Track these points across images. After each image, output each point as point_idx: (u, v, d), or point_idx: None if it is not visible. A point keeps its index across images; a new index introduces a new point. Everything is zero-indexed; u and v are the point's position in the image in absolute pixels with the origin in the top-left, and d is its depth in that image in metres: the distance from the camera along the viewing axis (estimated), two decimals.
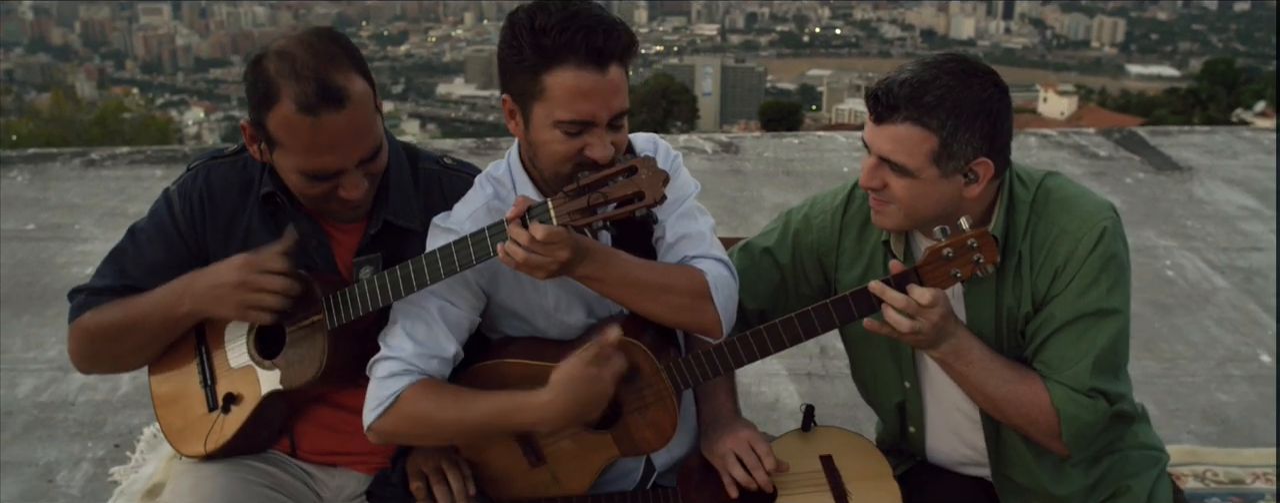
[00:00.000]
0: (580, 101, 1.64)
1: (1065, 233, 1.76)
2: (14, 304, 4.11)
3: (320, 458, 1.96)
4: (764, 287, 1.98)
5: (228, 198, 1.87)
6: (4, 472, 3.05)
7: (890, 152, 1.69)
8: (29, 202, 5.21)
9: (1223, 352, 3.85)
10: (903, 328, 1.65)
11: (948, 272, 1.65)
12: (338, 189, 1.74)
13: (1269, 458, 3.20)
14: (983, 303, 1.81)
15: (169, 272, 1.85)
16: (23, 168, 5.71)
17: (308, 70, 1.65)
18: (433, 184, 1.91)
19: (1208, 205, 5.23)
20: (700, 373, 1.81)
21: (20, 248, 4.64)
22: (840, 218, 1.95)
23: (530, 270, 1.62)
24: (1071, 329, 1.75)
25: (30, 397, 3.45)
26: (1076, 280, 1.74)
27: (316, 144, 1.68)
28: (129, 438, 3.22)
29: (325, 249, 1.85)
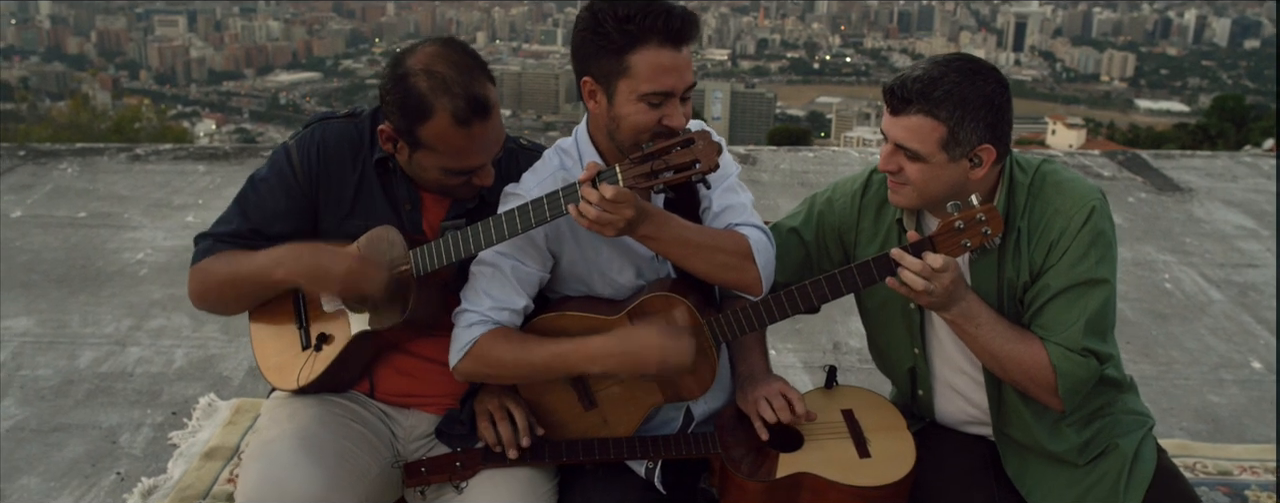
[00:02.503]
0: (661, 76, 1.89)
1: (1059, 212, 1.97)
2: (70, 284, 4.33)
3: (396, 400, 2.17)
4: (790, 262, 2.20)
5: (341, 155, 2.08)
6: (71, 433, 3.26)
7: (905, 139, 1.92)
8: (79, 192, 5.45)
9: (1216, 358, 4.05)
10: (918, 287, 1.86)
11: (959, 242, 1.85)
12: (472, 179, 1.98)
13: (1256, 453, 3.39)
14: (986, 274, 2.02)
15: (287, 218, 2.08)
16: (72, 161, 5.95)
17: (458, 86, 1.88)
18: (511, 163, 2.12)
19: (1206, 224, 5.44)
20: (738, 328, 2.03)
21: (73, 234, 4.87)
22: (859, 200, 2.17)
23: (599, 228, 1.84)
24: (1065, 296, 1.96)
25: (91, 367, 3.67)
26: (1069, 253, 1.95)
27: (468, 149, 1.93)
28: (185, 407, 3.43)
29: (416, 212, 2.07)
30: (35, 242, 4.76)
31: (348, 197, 2.08)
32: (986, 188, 2.01)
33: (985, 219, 1.84)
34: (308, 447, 1.96)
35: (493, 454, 2.04)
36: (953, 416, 2.21)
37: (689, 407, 2.18)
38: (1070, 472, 2.10)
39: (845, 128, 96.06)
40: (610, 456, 2.07)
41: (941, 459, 2.15)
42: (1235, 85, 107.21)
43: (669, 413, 2.17)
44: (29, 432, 3.26)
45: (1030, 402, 2.06)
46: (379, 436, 2.13)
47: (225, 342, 3.86)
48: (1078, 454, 2.09)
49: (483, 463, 2.04)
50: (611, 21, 1.88)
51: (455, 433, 2.12)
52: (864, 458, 2.04)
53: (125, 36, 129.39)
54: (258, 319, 2.16)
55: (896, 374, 2.27)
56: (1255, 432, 3.54)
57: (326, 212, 2.09)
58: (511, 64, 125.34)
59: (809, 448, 2.07)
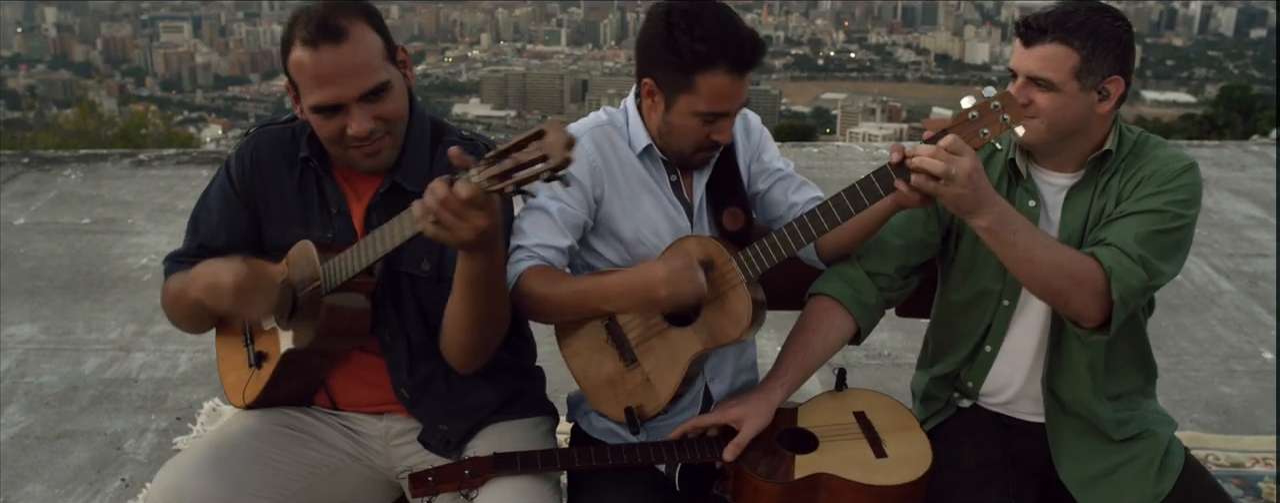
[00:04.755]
0: (721, 101, 1.94)
1: (1157, 159, 2.00)
2: (75, 291, 4.33)
3: (364, 409, 2.11)
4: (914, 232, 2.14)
5: (274, 161, 2.04)
6: (76, 440, 3.26)
7: (1039, 69, 1.92)
8: (83, 198, 5.45)
9: (1227, 349, 4.02)
10: (936, 170, 1.76)
11: (976, 130, 1.80)
12: (347, 128, 1.88)
13: (1269, 445, 3.36)
14: (1077, 209, 2.03)
15: (229, 230, 2.05)
16: (76, 167, 5.95)
17: (315, 13, 1.84)
18: (445, 156, 2.02)
19: (1215, 214, 5.41)
20: (766, 259, 1.98)
21: (77, 240, 4.87)
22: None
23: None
24: (1132, 217, 1.96)
25: (95, 374, 3.66)
26: (1151, 186, 1.97)
27: (319, 75, 1.84)
28: (190, 411, 3.42)
29: (345, 216, 2.02)
30: (40, 248, 4.76)
31: (290, 205, 2.04)
32: (1105, 128, 2.02)
33: (1001, 106, 1.79)
34: (217, 455, 1.93)
35: (503, 461, 2.00)
36: (1002, 379, 2.18)
37: (708, 387, 2.15)
38: (1104, 444, 2.09)
39: (850, 124, 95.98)
40: (623, 460, 2.04)
41: (957, 458, 2.12)
42: (1242, 75, 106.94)
43: (688, 401, 2.14)
44: (34, 439, 3.26)
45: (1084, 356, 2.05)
46: (330, 442, 2.08)
47: None
48: (1114, 428, 2.08)
49: (492, 471, 2.00)
50: (686, 40, 1.90)
51: (440, 437, 2.07)
52: (881, 458, 2.02)
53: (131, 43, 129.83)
54: (219, 336, 2.16)
55: (967, 331, 2.20)
56: (1267, 423, 3.51)
57: (269, 222, 2.05)
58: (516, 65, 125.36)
59: (825, 449, 2.04)
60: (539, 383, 2.24)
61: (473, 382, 2.06)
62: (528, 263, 1.98)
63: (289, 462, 2.01)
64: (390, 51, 1.92)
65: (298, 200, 2.03)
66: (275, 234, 2.05)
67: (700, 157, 2.08)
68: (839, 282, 2.12)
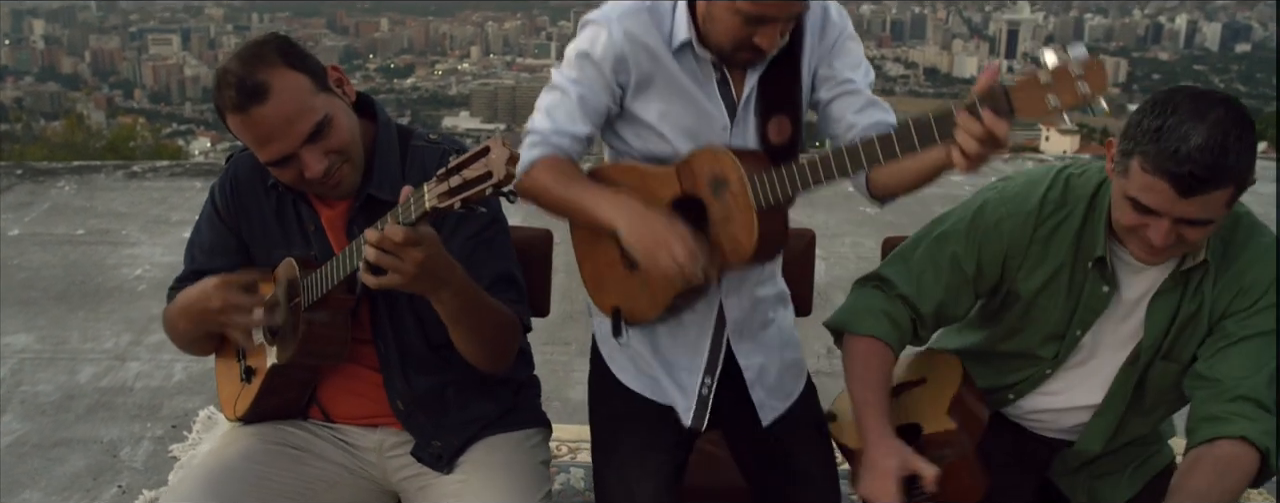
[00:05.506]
0: (768, 5, 1.73)
1: (1250, 263, 1.82)
2: (70, 301, 4.36)
3: (357, 422, 2.13)
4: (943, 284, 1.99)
5: (251, 186, 2.06)
6: (72, 448, 3.29)
7: (1199, 214, 1.67)
8: (78, 209, 5.48)
9: None
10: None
11: (1042, 97, 1.44)
12: (305, 172, 1.88)
13: None
14: (1161, 311, 1.86)
15: (222, 254, 2.07)
16: (70, 179, 5.99)
17: (233, 75, 1.82)
18: (419, 159, 2.02)
19: None
20: (785, 188, 1.77)
21: (72, 251, 4.90)
22: (1033, 228, 1.91)
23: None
24: (1249, 344, 1.80)
25: (91, 383, 3.70)
26: (1261, 301, 1.80)
27: (258, 136, 1.85)
28: (185, 420, 3.45)
29: (320, 233, 2.03)
30: (34, 259, 4.79)
31: (270, 227, 2.07)
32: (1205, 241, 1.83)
33: (1083, 73, 1.42)
34: (212, 483, 1.95)
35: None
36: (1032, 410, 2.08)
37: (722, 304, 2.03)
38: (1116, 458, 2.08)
39: None
40: None
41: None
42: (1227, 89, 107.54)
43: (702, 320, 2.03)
44: (30, 447, 3.29)
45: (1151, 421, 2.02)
46: (325, 456, 2.11)
47: None
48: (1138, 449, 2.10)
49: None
50: None
51: (432, 452, 2.08)
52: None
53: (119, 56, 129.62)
54: (218, 353, 2.21)
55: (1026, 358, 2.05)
56: None
57: (254, 245, 2.09)
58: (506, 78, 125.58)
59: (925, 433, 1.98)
60: (533, 393, 2.26)
61: (468, 396, 2.08)
62: (541, 150, 1.89)
63: (286, 480, 2.03)
64: (320, 82, 1.90)
65: (276, 222, 2.06)
66: (261, 256, 2.08)
67: (742, 57, 1.85)
68: (888, 324, 1.96)
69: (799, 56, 1.90)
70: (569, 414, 3.40)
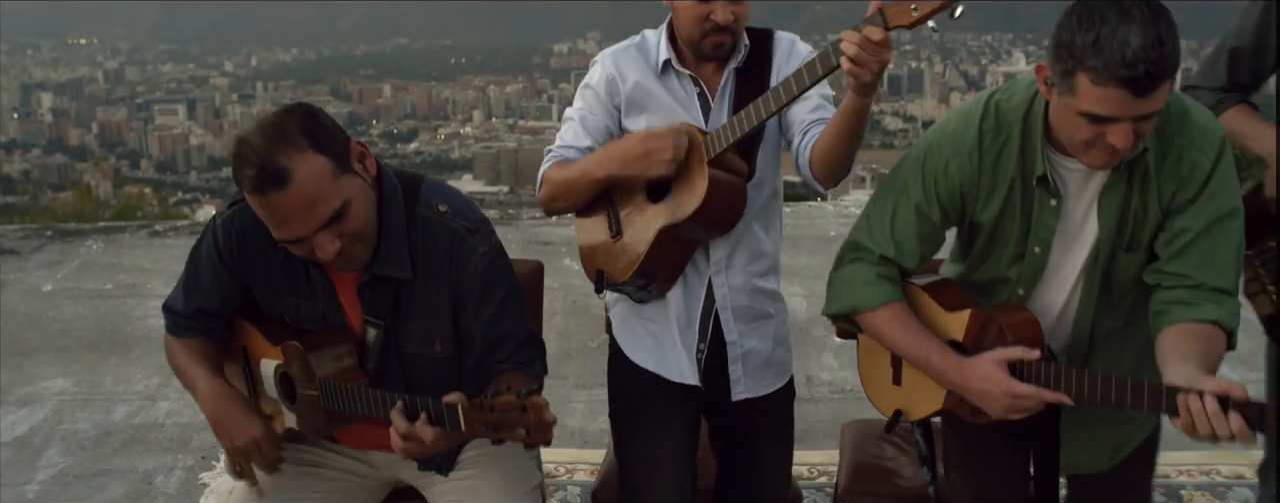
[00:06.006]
0: None
1: (1188, 147, 1.89)
2: (102, 349, 4.69)
3: (368, 448, 2.28)
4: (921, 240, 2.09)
5: (258, 239, 2.04)
6: (111, 477, 3.59)
7: (1153, 108, 1.76)
8: (105, 266, 5.83)
9: None
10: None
11: (908, 10, 1.81)
12: (316, 253, 1.92)
13: (1194, 459, 3.68)
14: (1111, 206, 1.94)
15: (225, 297, 2.15)
16: (97, 238, 6.35)
17: (255, 156, 1.82)
18: (428, 232, 2.06)
19: None
20: (727, 136, 2.12)
21: (102, 303, 5.24)
22: (977, 160, 2.00)
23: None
24: (1218, 229, 1.90)
25: (125, 420, 4.01)
26: (1202, 195, 1.88)
27: (274, 219, 1.87)
28: (213, 452, 3.75)
29: (330, 292, 2.10)
30: (67, 312, 5.13)
31: (276, 278, 2.10)
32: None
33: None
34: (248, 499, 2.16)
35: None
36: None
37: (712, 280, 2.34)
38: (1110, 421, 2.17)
39: (841, 192, 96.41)
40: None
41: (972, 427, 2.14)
42: None
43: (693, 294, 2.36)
44: (73, 477, 3.59)
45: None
46: (338, 467, 2.29)
47: None
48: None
49: None
50: None
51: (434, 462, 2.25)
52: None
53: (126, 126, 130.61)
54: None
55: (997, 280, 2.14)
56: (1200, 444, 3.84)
57: (259, 292, 2.14)
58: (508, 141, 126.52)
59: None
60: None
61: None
62: (550, 161, 2.33)
63: (310, 491, 2.24)
64: (342, 164, 1.91)
65: (284, 275, 2.09)
66: (267, 304, 2.15)
67: (709, 42, 2.22)
68: (890, 287, 2.07)
69: (768, 72, 2.28)
70: (566, 439, 3.70)
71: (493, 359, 2.09)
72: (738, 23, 2.20)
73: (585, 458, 3.59)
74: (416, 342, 2.09)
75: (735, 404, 2.41)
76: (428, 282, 2.06)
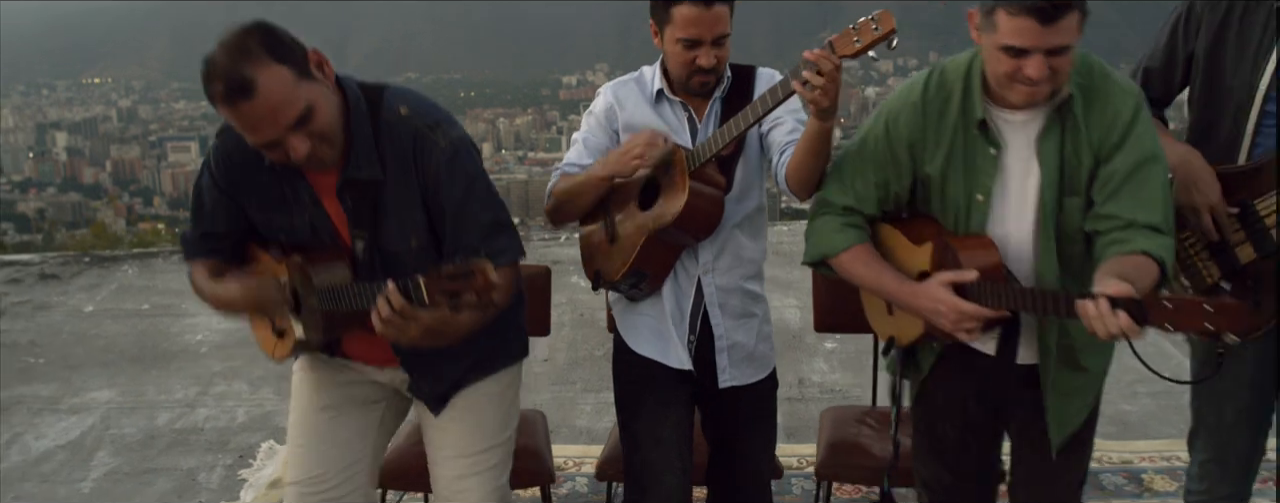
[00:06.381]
0: (691, 27, 2.41)
1: (1110, 97, 2.11)
2: (143, 362, 5.03)
3: (371, 362, 2.46)
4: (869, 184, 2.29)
5: (245, 159, 2.21)
6: (158, 474, 3.91)
7: (1064, 39, 1.96)
8: (140, 288, 6.20)
9: (1134, 376, 4.66)
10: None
11: (851, 40, 2.07)
12: (290, 154, 2.06)
13: (1156, 447, 3.96)
14: (1049, 153, 2.13)
15: (226, 219, 2.31)
16: (132, 263, 6.73)
17: (220, 71, 1.95)
18: (392, 134, 2.20)
19: None
20: (704, 153, 2.41)
21: (140, 322, 5.59)
22: (920, 111, 2.21)
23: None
24: (1144, 171, 2.10)
25: (167, 425, 4.34)
26: (1129, 139, 2.10)
27: (247, 126, 2.01)
28: (250, 451, 4.08)
29: (316, 202, 2.25)
30: (108, 330, 5.48)
31: (267, 195, 2.27)
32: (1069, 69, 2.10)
33: (876, 21, 2.04)
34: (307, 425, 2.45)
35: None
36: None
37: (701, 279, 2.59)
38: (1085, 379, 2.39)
39: None
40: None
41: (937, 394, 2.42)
42: None
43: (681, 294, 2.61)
44: (123, 475, 3.92)
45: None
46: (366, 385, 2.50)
47: (278, 401, 4.53)
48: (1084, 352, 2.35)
49: None
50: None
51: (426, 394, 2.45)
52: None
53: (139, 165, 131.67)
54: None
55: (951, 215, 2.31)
56: (1158, 431, 4.15)
57: (252, 211, 2.31)
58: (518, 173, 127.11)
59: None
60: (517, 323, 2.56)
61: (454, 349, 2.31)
62: (556, 176, 2.63)
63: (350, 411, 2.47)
64: (302, 70, 2.04)
65: (274, 191, 2.25)
66: (261, 220, 2.31)
67: (696, 81, 2.50)
68: (854, 232, 2.28)
69: (749, 101, 2.44)
70: (574, 437, 4.02)
71: (462, 245, 2.22)
72: (719, 65, 2.48)
73: (591, 453, 3.89)
74: (395, 239, 2.23)
75: (722, 392, 2.65)
76: (398, 180, 2.20)
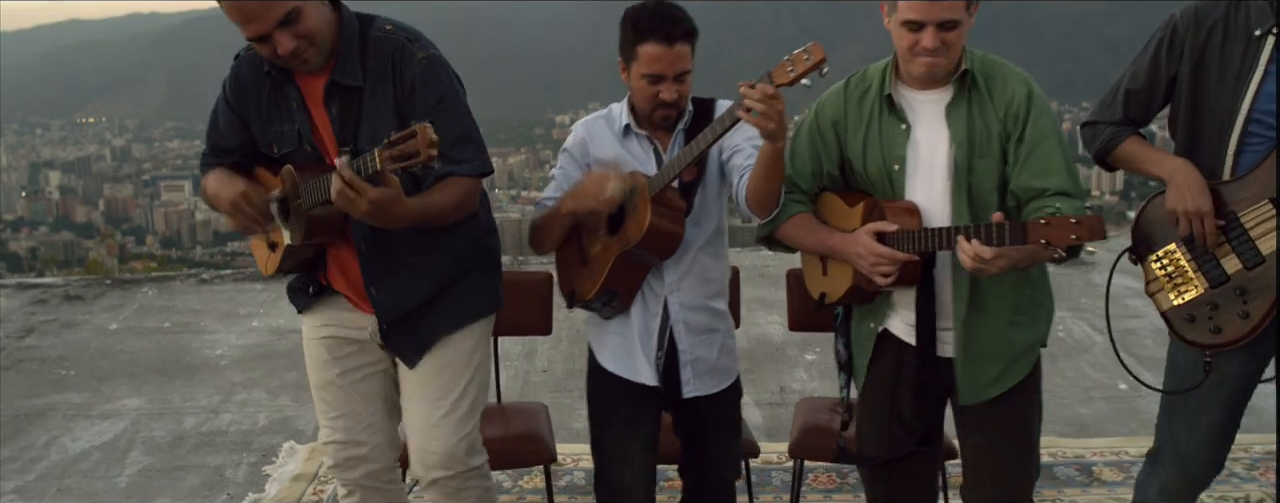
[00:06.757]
0: (655, 64, 2.58)
1: (1006, 80, 2.45)
2: (168, 373, 5.36)
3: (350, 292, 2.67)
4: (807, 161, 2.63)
5: (252, 78, 2.55)
6: (188, 470, 4.24)
7: (948, 13, 2.31)
8: (161, 308, 6.54)
9: (1089, 382, 5.03)
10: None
11: (785, 70, 2.26)
12: (277, 49, 2.34)
13: (1108, 444, 4.29)
14: (958, 121, 2.44)
15: (231, 134, 2.63)
16: (151, 286, 7.08)
17: None
18: (376, 46, 2.48)
19: (1101, 288, 6.45)
20: (663, 178, 2.60)
21: (163, 338, 5.93)
22: (843, 96, 2.58)
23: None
24: (1042, 145, 2.40)
25: (194, 428, 4.67)
26: (1029, 117, 2.41)
27: (238, 18, 2.32)
28: (272, 450, 4.40)
29: (304, 110, 2.52)
30: (133, 345, 5.82)
31: (264, 108, 2.57)
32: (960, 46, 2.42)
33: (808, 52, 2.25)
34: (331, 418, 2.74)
35: None
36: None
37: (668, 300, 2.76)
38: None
39: None
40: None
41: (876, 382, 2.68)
42: None
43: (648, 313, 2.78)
44: (155, 471, 4.24)
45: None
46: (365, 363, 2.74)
47: (297, 407, 4.86)
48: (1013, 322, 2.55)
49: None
50: (630, 22, 2.61)
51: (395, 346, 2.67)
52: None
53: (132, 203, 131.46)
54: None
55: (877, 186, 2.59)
56: (1111, 431, 4.49)
57: (254, 124, 2.60)
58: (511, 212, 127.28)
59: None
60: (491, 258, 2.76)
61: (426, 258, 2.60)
62: (538, 209, 2.84)
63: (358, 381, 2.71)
64: None
65: (270, 103, 2.55)
66: (259, 132, 2.59)
67: (659, 114, 2.67)
68: (793, 205, 2.62)
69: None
70: (572, 438, 4.35)
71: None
72: (681, 99, 2.66)
73: (588, 451, 4.24)
74: (369, 141, 2.40)
75: (687, 401, 2.83)
76: (376, 87, 2.47)
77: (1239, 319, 2.50)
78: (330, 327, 2.75)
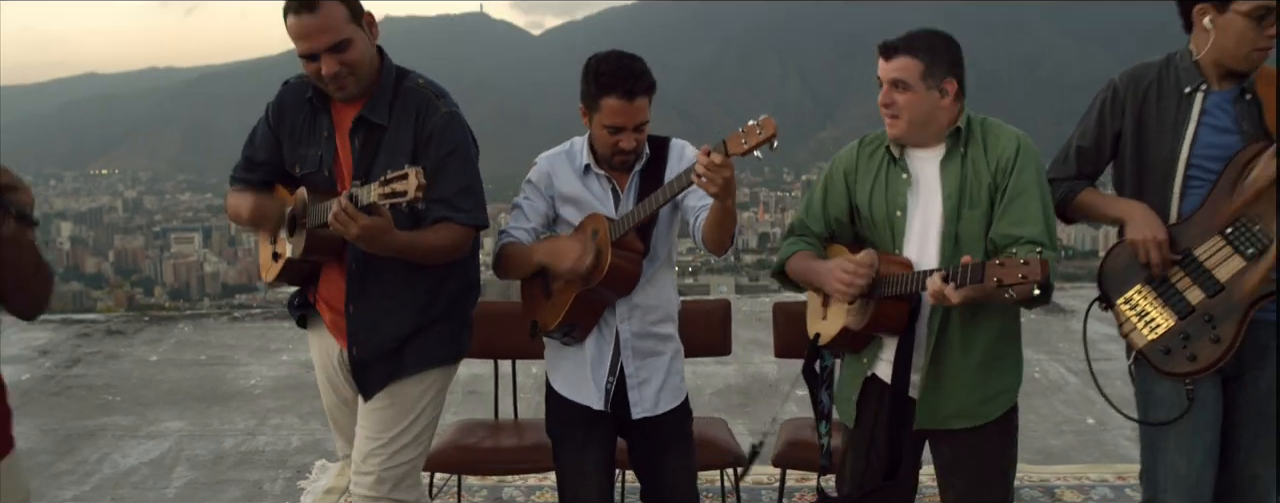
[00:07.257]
0: (615, 116, 2.71)
1: (1000, 138, 2.64)
2: (207, 400, 5.78)
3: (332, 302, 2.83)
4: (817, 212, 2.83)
5: (294, 103, 2.76)
6: (229, 483, 4.64)
7: (897, 74, 2.56)
8: (196, 343, 6.99)
9: (1061, 418, 5.38)
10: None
11: (740, 140, 2.41)
12: (321, 69, 2.54)
13: (1072, 471, 4.62)
14: (950, 174, 2.64)
15: (265, 150, 2.83)
16: (186, 323, 7.54)
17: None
18: (407, 95, 2.68)
19: (1077, 332, 6.81)
20: (624, 225, 2.75)
21: (200, 369, 6.37)
22: (857, 150, 2.80)
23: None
24: (1023, 197, 2.58)
25: (233, 448, 5.08)
26: (1015, 169, 2.60)
27: (297, 34, 2.52)
28: (306, 468, 4.79)
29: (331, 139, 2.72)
30: (173, 375, 6.25)
31: (299, 130, 2.78)
32: (950, 116, 2.63)
33: (760, 125, 2.41)
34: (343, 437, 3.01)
35: None
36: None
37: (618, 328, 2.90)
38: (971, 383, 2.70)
39: None
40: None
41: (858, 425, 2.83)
42: None
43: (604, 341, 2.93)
44: (200, 484, 4.64)
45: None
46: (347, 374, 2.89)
47: (326, 431, 5.21)
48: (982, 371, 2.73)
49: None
50: (593, 76, 2.73)
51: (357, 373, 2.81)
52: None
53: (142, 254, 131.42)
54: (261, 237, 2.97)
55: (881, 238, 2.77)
56: (1076, 459, 4.85)
57: (286, 144, 2.80)
58: None
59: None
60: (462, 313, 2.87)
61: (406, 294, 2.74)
62: (506, 240, 2.92)
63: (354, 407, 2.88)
64: (355, 15, 2.56)
65: (304, 127, 2.75)
66: (288, 151, 2.78)
67: (618, 159, 2.81)
68: (802, 244, 2.82)
69: (663, 171, 2.87)
70: None
71: (435, 196, 2.57)
72: (639, 145, 2.80)
73: None
74: (380, 176, 2.47)
75: (638, 421, 2.94)
76: (397, 128, 2.67)
77: (1212, 344, 2.61)
78: (321, 355, 3.00)
